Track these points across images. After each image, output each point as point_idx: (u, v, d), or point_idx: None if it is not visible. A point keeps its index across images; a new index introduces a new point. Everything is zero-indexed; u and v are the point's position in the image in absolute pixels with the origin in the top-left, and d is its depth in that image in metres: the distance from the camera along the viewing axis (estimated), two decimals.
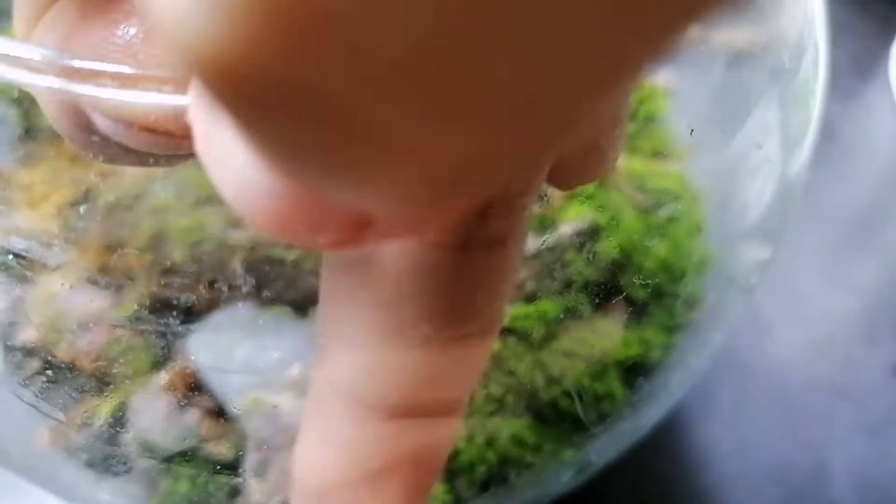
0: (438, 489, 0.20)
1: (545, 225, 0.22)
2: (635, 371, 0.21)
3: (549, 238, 0.21)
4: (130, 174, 0.22)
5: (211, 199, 0.21)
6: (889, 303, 0.31)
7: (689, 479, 0.27)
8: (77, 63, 0.12)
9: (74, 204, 0.23)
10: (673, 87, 0.25)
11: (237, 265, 0.21)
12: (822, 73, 0.21)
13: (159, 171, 0.22)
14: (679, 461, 0.27)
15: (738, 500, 0.26)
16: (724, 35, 0.23)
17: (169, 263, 0.21)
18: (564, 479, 0.21)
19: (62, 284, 0.22)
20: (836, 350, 0.30)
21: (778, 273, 0.32)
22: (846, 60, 0.39)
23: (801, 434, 0.28)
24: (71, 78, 0.12)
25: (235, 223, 0.21)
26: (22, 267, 0.22)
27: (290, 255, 0.21)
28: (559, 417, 0.21)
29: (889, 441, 0.28)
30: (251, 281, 0.21)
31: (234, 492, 0.20)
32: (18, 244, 0.23)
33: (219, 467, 0.20)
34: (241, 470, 0.20)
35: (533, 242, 0.21)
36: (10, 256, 0.22)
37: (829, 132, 0.36)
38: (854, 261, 0.32)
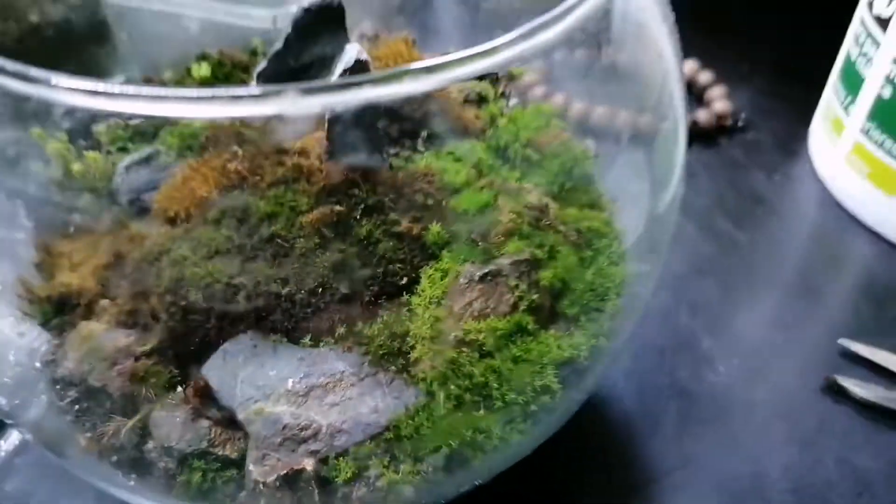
0: (406, 468, 0.24)
1: (489, 256, 0.27)
2: (566, 368, 0.25)
3: (492, 268, 0.26)
4: (154, 237, 0.27)
5: (220, 251, 0.26)
6: (812, 333, 0.35)
7: (640, 491, 0.30)
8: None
9: (107, 266, 0.28)
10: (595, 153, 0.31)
11: (241, 302, 0.26)
12: (682, 135, 0.27)
13: (178, 231, 0.27)
14: (628, 474, 0.30)
15: None
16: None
17: (185, 303, 0.26)
18: (512, 456, 0.25)
19: (97, 326, 0.26)
20: (770, 377, 0.34)
21: (717, 315, 0.36)
22: (771, 140, 0.45)
23: (740, 449, 0.31)
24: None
25: (240, 271, 0.26)
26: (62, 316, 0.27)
27: (284, 291, 0.26)
28: (507, 408, 0.25)
29: (820, 450, 0.31)
30: (252, 315, 0.26)
31: (238, 484, 0.24)
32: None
33: (224, 465, 0.24)
34: (244, 464, 0.24)
35: (479, 271, 0.26)
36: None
37: (757, 199, 0.42)
38: (783, 303, 0.36)
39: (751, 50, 0.51)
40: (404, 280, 0.27)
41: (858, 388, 0.33)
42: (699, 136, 0.45)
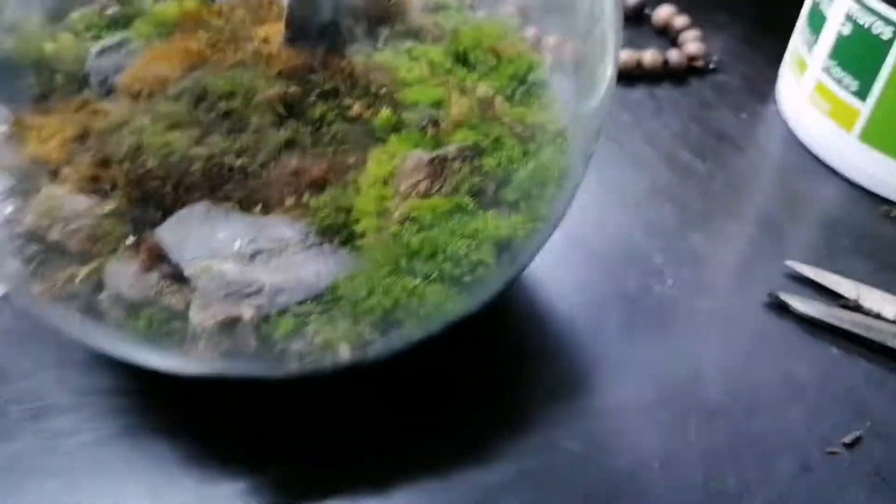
0: (343, 326, 0.25)
1: (437, 144, 0.28)
2: (503, 246, 0.27)
3: (440, 153, 0.27)
4: (117, 110, 0.29)
5: (179, 124, 0.28)
6: (762, 257, 0.36)
7: (578, 381, 0.31)
8: None
9: (74, 138, 0.29)
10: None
11: (196, 171, 0.27)
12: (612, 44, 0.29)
13: (140, 105, 0.28)
14: (568, 365, 0.32)
15: (623, 398, 0.31)
16: None
17: (143, 171, 0.27)
18: (444, 323, 0.26)
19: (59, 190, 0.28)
20: (716, 291, 0.35)
21: (671, 235, 0.37)
22: (740, 82, 0.46)
23: (680, 352, 0.32)
24: None
25: (197, 141, 0.27)
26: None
27: (238, 163, 0.27)
28: (442, 279, 0.26)
29: (758, 358, 0.32)
30: (206, 184, 0.27)
31: (181, 335, 0.26)
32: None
33: (170, 315, 0.26)
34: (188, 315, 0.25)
35: (427, 155, 0.27)
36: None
37: (721, 135, 0.42)
38: (737, 229, 0.37)
39: (730, 1, 0.52)
40: (352, 160, 0.28)
41: (800, 304, 0.34)
42: (669, 76, 0.46)
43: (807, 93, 0.41)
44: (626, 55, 0.45)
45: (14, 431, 0.29)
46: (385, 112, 0.28)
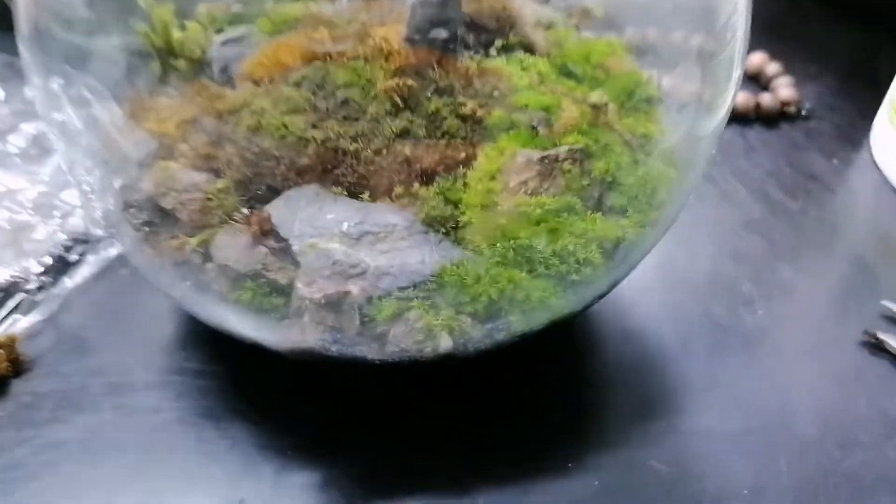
0: (445, 314, 0.25)
1: (547, 145, 0.28)
2: (610, 248, 0.27)
3: (550, 153, 0.28)
4: (237, 93, 0.29)
5: (297, 109, 0.28)
6: (855, 294, 0.35)
7: (665, 403, 0.30)
8: None
9: (191, 120, 0.30)
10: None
11: (310, 154, 0.28)
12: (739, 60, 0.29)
13: (260, 90, 0.29)
14: (656, 387, 0.31)
15: (709, 423, 0.30)
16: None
17: (258, 150, 0.28)
18: (547, 319, 0.26)
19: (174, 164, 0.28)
20: (807, 323, 0.34)
21: (760, 266, 0.36)
22: (833, 129, 0.46)
23: (770, 381, 0.31)
24: None
25: (313, 125, 0.28)
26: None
27: (351, 148, 0.27)
28: (548, 274, 0.26)
29: (852, 392, 0.31)
30: (318, 167, 0.28)
31: (283, 311, 0.26)
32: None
33: (274, 289, 0.26)
34: (291, 290, 0.26)
35: (537, 154, 0.28)
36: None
37: (813, 177, 0.42)
38: (828, 266, 0.37)
39: (823, 53, 0.52)
40: (463, 155, 0.28)
41: None
42: (761, 119, 0.46)
43: None
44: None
45: (95, 404, 0.30)
46: (497, 111, 0.28)
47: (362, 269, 0.26)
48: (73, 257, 0.34)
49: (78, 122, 0.29)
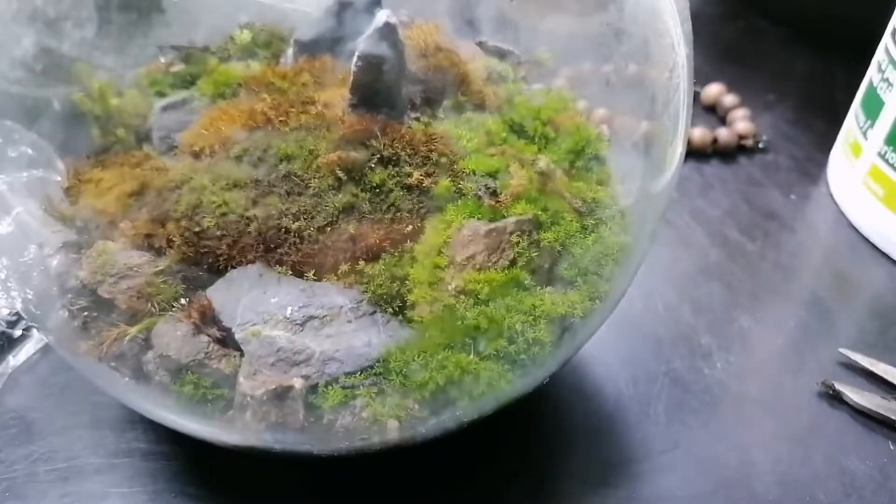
0: (392, 401, 0.25)
1: (495, 215, 0.28)
2: (560, 324, 0.26)
3: (498, 225, 0.27)
4: (178, 168, 0.29)
5: (238, 184, 0.28)
6: (813, 342, 0.35)
7: (625, 468, 0.30)
8: None
9: (131, 193, 0.29)
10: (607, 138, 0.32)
11: (252, 233, 0.27)
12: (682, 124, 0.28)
13: (201, 164, 0.28)
14: (615, 451, 0.31)
15: (670, 487, 0.30)
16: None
17: (199, 229, 0.27)
18: (496, 402, 0.26)
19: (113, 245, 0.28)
20: (766, 376, 0.34)
21: (719, 316, 0.36)
22: (790, 163, 0.46)
23: (730, 439, 0.31)
24: None
25: (254, 201, 0.27)
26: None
27: (294, 226, 0.27)
28: (497, 357, 0.25)
29: (810, 448, 0.31)
30: (261, 246, 0.27)
31: (228, 402, 0.25)
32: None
33: (217, 381, 0.25)
34: (235, 381, 0.25)
35: (484, 226, 0.27)
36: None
37: (770, 215, 0.42)
38: (787, 311, 0.37)
39: (778, 82, 0.52)
40: (409, 228, 0.27)
41: (854, 394, 0.33)
42: (719, 154, 0.45)
43: (860, 176, 0.40)
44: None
45: (42, 493, 0.29)
46: (444, 181, 0.28)
47: (307, 355, 0.25)
48: (16, 333, 0.33)
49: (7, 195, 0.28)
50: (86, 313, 0.27)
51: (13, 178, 0.29)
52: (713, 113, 0.49)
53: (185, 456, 0.30)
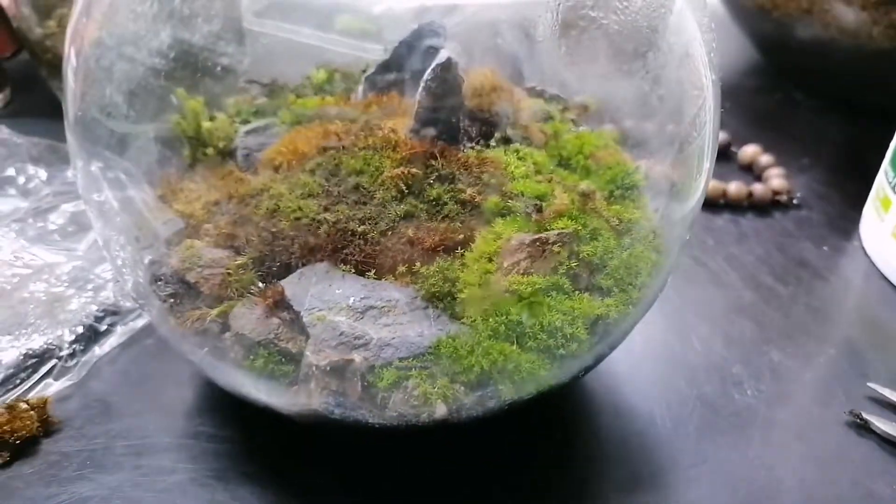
0: (441, 383, 0.27)
1: (539, 229, 0.31)
2: (596, 324, 0.29)
3: (542, 236, 0.30)
4: (259, 178, 0.32)
5: (311, 193, 0.31)
6: (841, 377, 0.37)
7: (654, 479, 0.32)
8: None
9: (216, 202, 0.33)
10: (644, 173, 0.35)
11: (322, 235, 0.30)
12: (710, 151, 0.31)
13: (279, 176, 0.32)
14: (645, 464, 0.32)
15: (698, 498, 0.31)
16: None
17: (275, 230, 0.31)
18: (535, 390, 0.28)
19: (199, 243, 0.31)
20: (795, 405, 0.35)
21: (750, 349, 0.38)
22: (823, 218, 0.48)
23: (757, 459, 0.33)
24: None
25: (325, 208, 0.31)
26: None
27: (359, 229, 0.30)
28: (537, 348, 0.28)
29: (836, 471, 0.32)
30: (329, 247, 0.30)
31: (293, 377, 0.28)
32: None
33: (284, 357, 0.28)
34: (300, 359, 0.28)
35: (530, 237, 0.30)
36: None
37: (803, 263, 0.44)
38: (817, 350, 0.38)
39: (813, 147, 0.54)
40: (461, 237, 0.31)
41: (883, 424, 0.34)
42: (753, 208, 0.48)
43: (890, 228, 0.42)
44: (712, 185, 0.48)
45: (117, 464, 0.32)
46: (494, 198, 0.31)
47: (366, 340, 0.28)
48: (102, 327, 0.36)
49: (114, 202, 0.32)
50: (174, 298, 0.30)
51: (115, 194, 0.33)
52: (749, 172, 0.51)
53: (245, 440, 0.33)
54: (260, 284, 0.29)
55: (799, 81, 0.61)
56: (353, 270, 0.30)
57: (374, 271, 0.30)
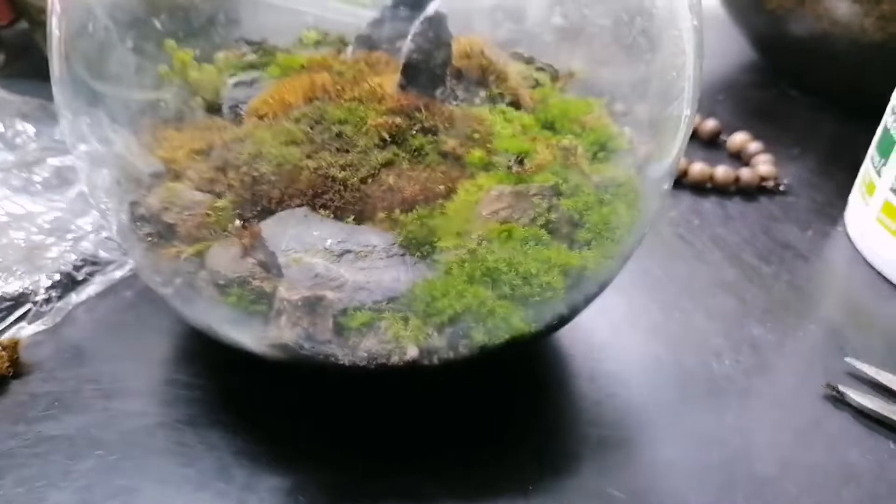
0: (413, 323, 0.27)
1: (521, 182, 0.31)
2: (572, 275, 0.29)
3: (522, 187, 0.30)
4: (243, 127, 0.32)
5: (295, 141, 0.31)
6: (820, 351, 0.37)
7: (630, 433, 0.32)
8: None
9: (199, 150, 0.33)
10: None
11: (303, 180, 0.30)
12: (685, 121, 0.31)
13: (263, 124, 0.32)
14: (622, 420, 0.32)
15: (670, 457, 0.31)
16: None
17: (257, 174, 0.30)
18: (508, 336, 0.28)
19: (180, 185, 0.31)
20: (772, 376, 0.35)
21: (730, 322, 0.38)
22: (809, 204, 0.48)
23: (732, 423, 0.32)
24: None
25: (307, 156, 0.31)
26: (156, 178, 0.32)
27: (340, 175, 0.30)
28: (512, 295, 0.28)
29: (811, 440, 0.32)
30: (309, 192, 0.30)
31: (265, 316, 0.28)
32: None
33: (258, 296, 0.28)
34: (274, 298, 0.28)
35: (510, 188, 0.30)
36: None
37: (787, 245, 0.44)
38: (796, 324, 0.38)
39: (804, 140, 0.54)
40: (442, 187, 0.31)
41: (859, 396, 0.34)
42: (740, 192, 0.48)
43: (874, 213, 0.42)
44: (700, 168, 0.48)
45: (85, 406, 0.31)
46: (477, 151, 0.31)
47: (341, 282, 0.28)
48: (80, 276, 0.36)
49: (100, 149, 0.32)
50: (152, 237, 0.30)
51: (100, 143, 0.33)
52: (738, 159, 0.51)
53: (218, 389, 0.32)
54: (237, 223, 0.29)
55: (794, 79, 0.62)
56: (333, 216, 0.30)
57: (353, 218, 0.30)
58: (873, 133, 0.45)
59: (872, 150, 0.44)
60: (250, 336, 0.28)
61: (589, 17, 0.36)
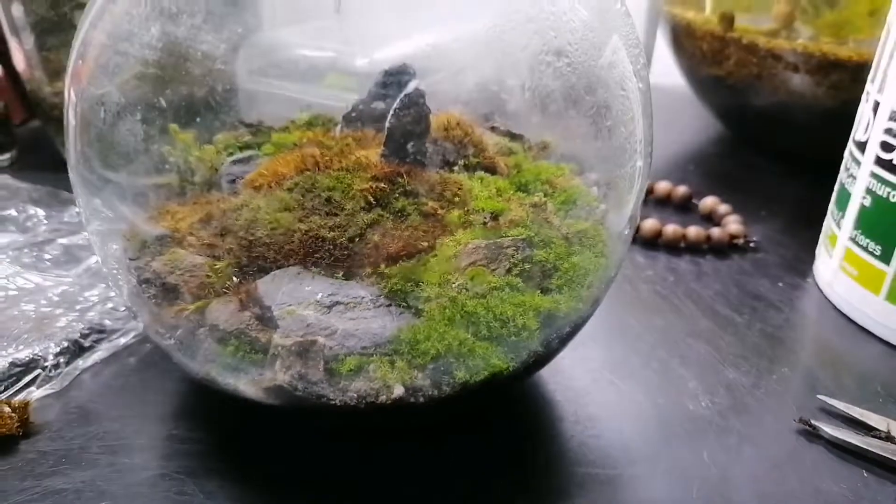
0: (399, 365, 0.29)
1: (496, 235, 0.33)
2: (546, 317, 0.31)
3: (497, 240, 0.33)
4: (240, 197, 0.35)
5: (288, 207, 0.34)
6: (794, 391, 0.38)
7: (610, 470, 0.33)
8: None
9: (200, 220, 0.36)
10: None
11: (295, 241, 0.33)
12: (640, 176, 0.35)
13: (259, 194, 0.35)
14: (602, 458, 0.33)
15: (650, 491, 0.32)
16: None
17: (253, 239, 0.33)
18: (487, 375, 0.30)
19: (182, 251, 0.34)
20: (748, 414, 0.37)
21: (706, 368, 0.40)
22: (779, 260, 0.50)
23: (710, 459, 0.34)
24: None
25: (299, 220, 0.33)
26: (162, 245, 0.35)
27: (329, 235, 0.33)
28: (490, 337, 0.30)
29: (787, 473, 0.33)
30: (301, 252, 0.33)
31: (261, 365, 0.30)
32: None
33: (254, 347, 0.30)
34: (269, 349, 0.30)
35: (486, 241, 0.33)
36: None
37: (759, 297, 0.46)
38: (770, 368, 0.40)
39: (771, 204, 0.58)
40: (424, 244, 0.33)
41: (831, 429, 0.35)
42: (712, 250, 0.51)
43: (837, 262, 0.45)
44: (673, 229, 0.51)
45: (92, 461, 0.33)
46: (456, 211, 0.34)
47: (331, 330, 0.30)
48: (87, 343, 0.38)
49: (110, 224, 0.35)
50: (157, 298, 0.32)
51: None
52: (710, 221, 0.54)
53: (215, 441, 0.34)
54: (235, 279, 0.32)
55: (757, 146, 0.65)
56: (323, 272, 0.33)
57: (342, 273, 0.32)
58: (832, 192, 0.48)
59: (832, 205, 0.47)
60: (247, 381, 0.30)
61: (553, 92, 0.39)
